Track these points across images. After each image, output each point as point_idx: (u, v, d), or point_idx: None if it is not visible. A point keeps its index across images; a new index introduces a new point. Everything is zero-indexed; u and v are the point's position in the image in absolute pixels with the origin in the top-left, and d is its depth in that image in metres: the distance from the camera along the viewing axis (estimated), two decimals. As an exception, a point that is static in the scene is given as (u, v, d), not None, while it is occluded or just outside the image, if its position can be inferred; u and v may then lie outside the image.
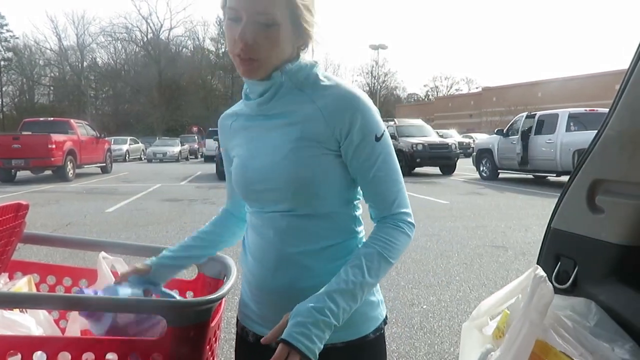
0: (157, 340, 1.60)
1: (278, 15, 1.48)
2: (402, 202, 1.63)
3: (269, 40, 1.50)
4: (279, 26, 1.49)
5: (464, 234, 9.87)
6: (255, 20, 1.47)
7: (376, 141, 1.57)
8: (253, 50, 1.50)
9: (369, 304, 1.69)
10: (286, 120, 1.60)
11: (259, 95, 1.63)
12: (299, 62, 1.62)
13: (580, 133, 17.21)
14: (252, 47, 1.50)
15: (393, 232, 1.58)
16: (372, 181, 1.59)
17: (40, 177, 23.48)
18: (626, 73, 1.43)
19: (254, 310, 1.73)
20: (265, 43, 1.50)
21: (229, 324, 4.80)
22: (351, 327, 1.63)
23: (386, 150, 1.59)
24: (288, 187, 1.57)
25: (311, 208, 1.60)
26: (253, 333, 1.74)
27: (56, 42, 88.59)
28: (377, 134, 1.57)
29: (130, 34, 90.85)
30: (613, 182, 1.48)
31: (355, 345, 1.65)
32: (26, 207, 2.30)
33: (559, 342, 1.32)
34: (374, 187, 1.60)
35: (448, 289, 6.39)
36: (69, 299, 1.72)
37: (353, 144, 1.56)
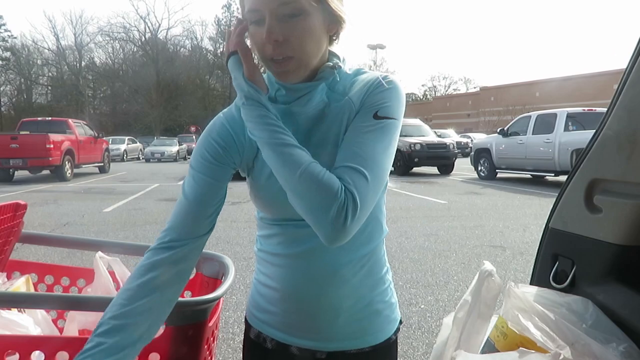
0: (156, 340, 1.60)
1: (303, 3, 1.32)
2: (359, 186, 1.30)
3: (300, 31, 1.34)
4: (307, 14, 1.33)
5: (462, 233, 9.87)
6: (280, 14, 1.32)
7: (373, 117, 1.40)
8: (286, 48, 1.35)
9: (390, 306, 1.70)
10: (328, 120, 1.47)
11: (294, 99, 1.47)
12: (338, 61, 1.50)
13: (578, 133, 17.21)
14: (283, 45, 1.34)
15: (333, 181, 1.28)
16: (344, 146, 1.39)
17: (38, 177, 23.47)
18: (624, 73, 1.43)
19: (276, 316, 1.64)
20: (297, 35, 1.34)
21: (226, 324, 4.81)
22: (378, 331, 1.65)
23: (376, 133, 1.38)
24: None
25: None
26: (271, 339, 1.66)
27: (54, 42, 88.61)
28: (379, 112, 1.40)
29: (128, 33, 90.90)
30: (611, 181, 1.48)
31: (380, 348, 1.66)
32: (24, 206, 2.30)
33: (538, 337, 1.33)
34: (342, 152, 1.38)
35: (446, 289, 6.41)
36: (67, 299, 1.72)
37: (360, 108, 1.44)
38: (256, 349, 1.71)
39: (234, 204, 14.08)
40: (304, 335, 1.61)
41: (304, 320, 1.59)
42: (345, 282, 1.55)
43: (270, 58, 1.36)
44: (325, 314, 1.58)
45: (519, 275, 6.82)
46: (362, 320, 1.61)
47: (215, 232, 1.92)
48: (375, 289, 1.63)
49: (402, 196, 15.99)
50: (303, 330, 1.61)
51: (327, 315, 1.58)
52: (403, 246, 8.69)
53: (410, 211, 12.72)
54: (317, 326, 1.59)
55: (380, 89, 1.43)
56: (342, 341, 1.61)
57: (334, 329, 1.59)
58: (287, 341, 1.63)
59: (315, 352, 1.62)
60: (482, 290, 1.41)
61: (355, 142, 1.36)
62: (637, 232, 1.42)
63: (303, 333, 1.61)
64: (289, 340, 1.62)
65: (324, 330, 1.60)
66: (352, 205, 1.27)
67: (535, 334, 1.33)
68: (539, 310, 1.37)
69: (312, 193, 1.28)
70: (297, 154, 1.31)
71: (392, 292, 1.71)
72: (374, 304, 1.63)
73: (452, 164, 25.17)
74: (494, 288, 1.41)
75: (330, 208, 1.26)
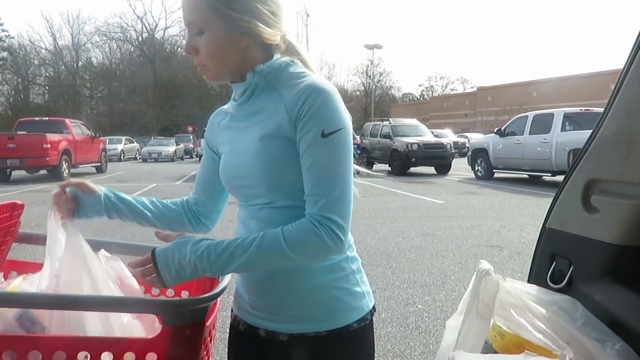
0: (153, 340, 1.60)
1: (203, 23, 1.58)
2: (331, 207, 1.51)
3: (205, 47, 1.61)
4: (206, 30, 1.59)
5: (459, 233, 9.89)
6: (191, 32, 1.62)
7: (322, 137, 1.51)
8: (199, 59, 1.64)
9: (352, 294, 1.72)
10: (258, 118, 1.65)
11: (239, 96, 1.72)
12: (271, 62, 1.68)
13: (576, 133, 17.22)
14: (197, 57, 1.64)
15: (305, 226, 1.50)
16: (307, 172, 1.54)
17: (35, 177, 23.43)
18: (621, 73, 1.43)
19: (245, 299, 1.79)
20: (204, 50, 1.61)
21: (224, 324, 4.80)
22: (334, 316, 1.69)
23: (331, 150, 1.52)
24: (261, 182, 1.61)
25: (287, 200, 1.62)
26: (244, 322, 1.80)
27: (51, 42, 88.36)
28: (324, 129, 1.51)
29: (125, 33, 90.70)
30: (608, 181, 1.48)
31: (339, 334, 1.69)
32: (21, 206, 2.30)
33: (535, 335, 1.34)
34: (307, 180, 1.54)
35: (443, 289, 6.41)
36: (64, 298, 1.72)
37: (302, 130, 1.53)
38: (233, 333, 1.88)
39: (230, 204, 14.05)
40: (269, 317, 1.72)
41: (266, 302, 1.71)
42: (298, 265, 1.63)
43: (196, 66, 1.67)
44: (282, 296, 1.68)
45: (516, 275, 6.82)
46: (319, 304, 1.67)
47: (212, 233, 1.93)
48: (329, 274, 1.67)
49: (399, 196, 16.01)
50: (267, 312, 1.72)
51: (284, 296, 1.68)
52: (400, 246, 8.70)
53: (408, 211, 12.73)
54: (278, 307, 1.70)
55: (315, 107, 1.52)
56: (301, 323, 1.68)
57: (293, 311, 1.68)
58: (255, 323, 1.75)
59: (279, 334, 1.71)
60: (480, 290, 1.41)
61: (315, 166, 1.52)
62: (634, 232, 1.42)
63: (267, 315, 1.72)
64: (257, 322, 1.74)
65: (285, 312, 1.69)
66: (333, 224, 1.49)
67: (532, 332, 1.33)
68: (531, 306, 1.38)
69: (306, 251, 1.51)
70: (266, 248, 1.51)
71: (356, 280, 1.74)
72: (331, 290, 1.68)
73: (449, 164, 25.19)
74: (491, 287, 1.41)
75: (322, 244, 1.49)
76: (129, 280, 2.09)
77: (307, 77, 1.62)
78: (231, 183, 1.76)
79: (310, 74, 1.66)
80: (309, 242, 1.49)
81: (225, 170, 1.76)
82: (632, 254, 1.45)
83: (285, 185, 1.60)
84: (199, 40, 1.60)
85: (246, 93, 1.69)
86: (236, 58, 1.65)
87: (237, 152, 1.70)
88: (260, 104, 1.67)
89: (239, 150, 1.69)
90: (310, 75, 1.64)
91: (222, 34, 1.58)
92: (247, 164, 1.63)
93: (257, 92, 1.69)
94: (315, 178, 1.52)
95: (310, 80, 1.59)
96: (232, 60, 1.64)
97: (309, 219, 1.51)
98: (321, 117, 1.51)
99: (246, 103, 1.71)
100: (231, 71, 1.67)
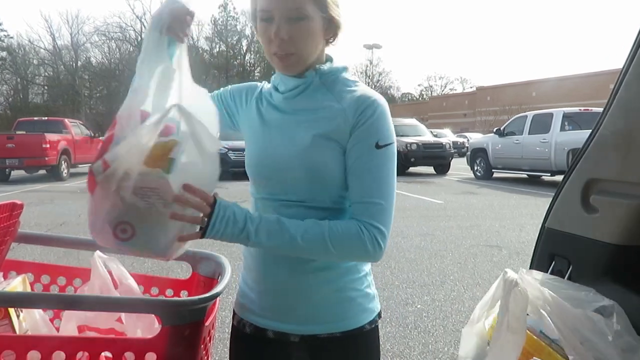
0: (152, 340, 1.60)
1: (308, 10, 1.55)
2: (378, 216, 1.58)
3: (302, 34, 1.57)
4: (310, 19, 1.56)
5: (458, 233, 9.89)
6: (287, 17, 1.54)
7: (376, 148, 1.59)
8: (289, 45, 1.57)
9: (365, 295, 1.75)
10: (312, 116, 1.65)
11: (288, 90, 1.70)
12: (332, 64, 1.72)
13: (575, 132, 17.21)
14: (288, 42, 1.57)
15: (352, 228, 1.57)
16: (357, 180, 1.61)
17: (34, 177, 23.41)
18: (620, 73, 1.43)
19: (253, 300, 1.77)
20: (299, 37, 1.57)
21: (223, 324, 4.81)
22: (349, 317, 1.70)
23: (383, 161, 1.60)
24: (304, 179, 1.62)
25: (321, 201, 1.64)
26: (250, 324, 1.78)
27: (50, 42, 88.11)
28: (379, 141, 1.59)
29: (125, 33, 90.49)
30: (607, 181, 1.48)
31: (352, 335, 1.70)
32: (20, 206, 2.30)
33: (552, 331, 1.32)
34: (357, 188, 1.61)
35: (442, 289, 6.41)
36: (64, 298, 1.72)
37: (356, 138, 1.59)
38: (237, 335, 1.84)
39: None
40: (279, 318, 1.71)
41: (278, 303, 1.70)
42: (306, 264, 1.65)
43: (274, 53, 1.60)
44: (296, 296, 1.68)
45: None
46: (334, 305, 1.69)
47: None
48: (346, 276, 1.70)
49: (399, 196, 15.97)
50: (277, 313, 1.71)
51: (298, 297, 1.68)
52: (399, 246, 8.70)
53: (407, 211, 12.72)
54: (289, 309, 1.69)
55: (375, 117, 1.60)
56: (314, 324, 1.69)
57: (305, 312, 1.69)
58: (263, 325, 1.73)
59: (289, 336, 1.70)
60: (510, 302, 1.38)
61: (367, 174, 1.58)
62: (633, 232, 1.42)
63: (277, 316, 1.71)
64: (265, 324, 1.73)
65: (297, 313, 1.69)
66: (378, 232, 1.56)
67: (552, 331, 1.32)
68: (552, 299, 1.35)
69: (345, 251, 1.57)
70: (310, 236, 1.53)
71: (368, 283, 1.78)
72: (346, 291, 1.70)
73: (448, 164, 25.16)
74: (521, 299, 1.37)
75: (363, 248, 1.54)
76: (128, 281, 2.09)
77: (361, 86, 1.70)
78: (264, 171, 1.72)
79: (360, 83, 1.72)
80: (352, 244, 1.55)
81: (262, 157, 1.72)
82: (631, 253, 1.45)
83: (326, 187, 1.64)
84: (294, 26, 1.56)
85: (299, 88, 1.69)
86: (316, 51, 1.66)
87: (281, 144, 1.67)
88: (312, 102, 1.67)
89: (284, 142, 1.66)
90: (362, 85, 1.71)
91: (317, 24, 1.59)
92: (294, 157, 1.62)
93: (309, 90, 1.68)
94: (366, 186, 1.59)
95: (366, 90, 1.67)
96: (314, 52, 1.65)
97: (357, 223, 1.56)
98: (378, 128, 1.59)
99: (295, 97, 1.70)
100: (307, 64, 1.66)
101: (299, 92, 1.69)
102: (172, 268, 6.44)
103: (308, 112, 1.66)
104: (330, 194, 1.65)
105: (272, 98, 1.77)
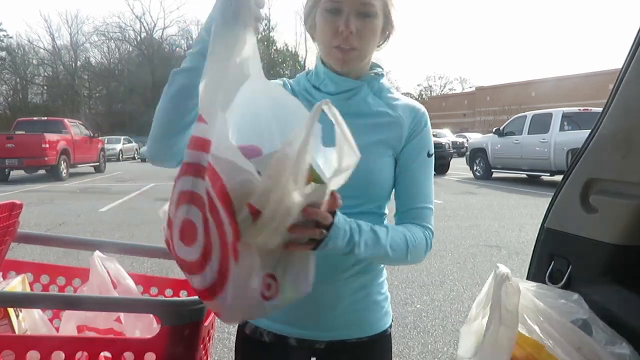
0: (151, 339, 1.60)
1: (377, 7, 1.53)
2: (431, 220, 1.65)
3: (369, 30, 1.53)
4: (376, 17, 1.54)
5: (458, 233, 9.89)
6: (357, 11, 1.50)
7: (427, 156, 1.65)
8: (355, 40, 1.52)
9: (386, 299, 1.77)
10: (368, 120, 1.62)
11: (341, 91, 1.63)
12: (382, 70, 1.71)
13: (574, 132, 17.20)
14: (354, 37, 1.51)
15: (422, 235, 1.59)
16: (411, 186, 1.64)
17: (33, 177, 23.40)
18: (620, 72, 1.43)
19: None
20: (365, 33, 1.53)
21: (222, 324, 4.80)
22: (375, 321, 1.71)
23: (430, 169, 1.67)
24: (359, 183, 1.50)
25: (370, 206, 1.63)
26: (268, 332, 1.69)
27: (50, 42, 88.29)
28: (429, 150, 1.66)
29: (124, 33, 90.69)
30: (607, 181, 1.48)
31: (378, 339, 1.72)
32: (20, 206, 2.30)
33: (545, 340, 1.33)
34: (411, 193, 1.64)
35: (442, 289, 6.41)
36: (63, 298, 1.72)
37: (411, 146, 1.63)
38: (253, 344, 1.73)
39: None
40: (303, 325, 1.65)
41: (304, 310, 1.60)
42: (346, 271, 1.62)
43: (336, 45, 1.53)
44: (326, 303, 1.62)
45: (515, 275, 6.81)
46: (362, 310, 1.67)
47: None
48: (375, 280, 1.70)
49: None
50: (302, 320, 1.64)
51: (327, 303, 1.62)
52: (399, 246, 8.65)
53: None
54: (316, 315, 1.63)
55: (427, 128, 1.67)
56: (341, 330, 1.65)
57: (333, 317, 1.64)
58: (285, 332, 1.66)
59: (314, 343, 1.66)
60: (501, 296, 1.38)
61: (423, 182, 1.64)
62: (633, 232, 1.42)
63: (302, 323, 1.65)
64: (287, 331, 1.66)
65: (324, 319, 1.64)
66: (432, 236, 1.63)
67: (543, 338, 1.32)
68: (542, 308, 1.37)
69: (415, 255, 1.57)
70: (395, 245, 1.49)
71: (386, 285, 1.79)
72: (373, 295, 1.69)
73: (447, 164, 25.15)
74: (513, 293, 1.38)
75: (426, 251, 1.61)
76: (126, 281, 2.09)
77: (400, 94, 1.72)
78: None
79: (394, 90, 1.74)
80: (422, 248, 1.59)
81: None
82: (631, 253, 1.45)
83: (376, 193, 1.63)
84: (362, 21, 1.51)
85: (353, 91, 1.63)
86: (372, 51, 1.63)
87: None
88: (366, 107, 1.64)
89: None
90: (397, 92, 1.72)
91: (380, 23, 1.57)
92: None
93: (362, 94, 1.64)
94: (422, 193, 1.64)
95: (409, 99, 1.71)
96: (372, 52, 1.62)
97: (421, 228, 1.61)
98: (429, 138, 1.67)
99: (348, 100, 1.63)
100: (363, 63, 1.62)
101: (352, 95, 1.63)
102: (171, 268, 6.42)
103: (364, 116, 1.62)
104: (378, 200, 1.64)
105: (313, 98, 1.62)
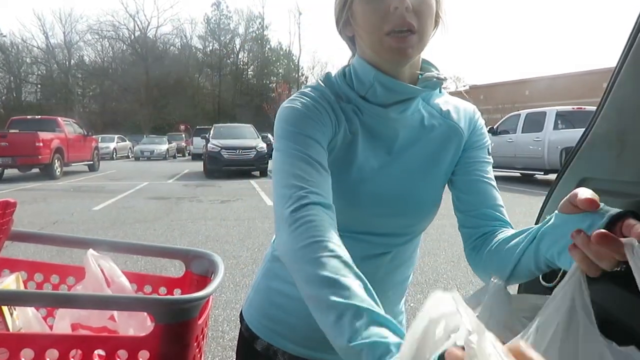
0: (145, 337, 1.60)
1: (436, 3, 1.28)
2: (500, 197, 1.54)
3: (427, 6, 1.24)
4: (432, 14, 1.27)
5: (452, 231, 9.88)
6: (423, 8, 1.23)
7: (489, 154, 1.54)
8: (412, 18, 1.21)
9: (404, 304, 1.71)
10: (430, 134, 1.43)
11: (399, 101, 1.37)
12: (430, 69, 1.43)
13: (568, 131, 17.26)
14: (411, 14, 1.20)
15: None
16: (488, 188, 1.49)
17: (27, 175, 23.36)
18: (614, 71, 1.43)
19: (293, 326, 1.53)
20: (424, 9, 1.23)
21: (216, 322, 4.81)
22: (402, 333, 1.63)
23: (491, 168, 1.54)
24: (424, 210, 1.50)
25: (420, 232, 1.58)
26: (284, 352, 1.54)
27: (43, 40, 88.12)
28: (489, 148, 1.55)
29: (118, 32, 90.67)
30: (601, 180, 1.48)
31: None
32: (14, 204, 2.29)
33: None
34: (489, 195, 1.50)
35: (435, 287, 6.38)
36: (58, 296, 1.71)
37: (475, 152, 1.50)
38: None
39: (223, 203, 14.09)
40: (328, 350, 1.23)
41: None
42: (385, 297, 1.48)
43: (388, 31, 1.21)
44: None
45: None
46: None
47: (204, 230, 1.92)
48: (402, 299, 1.64)
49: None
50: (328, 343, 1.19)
51: None
52: (393, 244, 8.66)
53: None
54: None
55: (483, 126, 1.54)
56: None
57: None
58: (305, 355, 1.52)
59: None
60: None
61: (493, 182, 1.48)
62: (626, 231, 1.42)
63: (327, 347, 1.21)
64: (307, 354, 1.51)
65: None
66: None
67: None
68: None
69: None
70: None
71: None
72: (399, 315, 1.64)
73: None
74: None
75: None
76: (120, 279, 2.09)
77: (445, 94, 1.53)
78: (382, 207, 1.40)
79: None
80: None
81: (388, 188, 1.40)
82: (625, 252, 1.45)
83: (434, 215, 1.56)
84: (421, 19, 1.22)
85: (411, 101, 1.38)
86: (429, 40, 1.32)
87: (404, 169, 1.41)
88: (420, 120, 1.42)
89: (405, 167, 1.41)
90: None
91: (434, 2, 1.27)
92: (420, 186, 1.45)
93: (416, 101, 1.40)
94: (496, 193, 1.49)
95: (456, 98, 1.56)
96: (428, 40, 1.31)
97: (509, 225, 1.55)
98: (487, 137, 1.54)
99: (402, 113, 1.38)
100: (419, 53, 1.32)
101: (408, 107, 1.38)
102: (165, 266, 6.42)
103: (425, 130, 1.42)
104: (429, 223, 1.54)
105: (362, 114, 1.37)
